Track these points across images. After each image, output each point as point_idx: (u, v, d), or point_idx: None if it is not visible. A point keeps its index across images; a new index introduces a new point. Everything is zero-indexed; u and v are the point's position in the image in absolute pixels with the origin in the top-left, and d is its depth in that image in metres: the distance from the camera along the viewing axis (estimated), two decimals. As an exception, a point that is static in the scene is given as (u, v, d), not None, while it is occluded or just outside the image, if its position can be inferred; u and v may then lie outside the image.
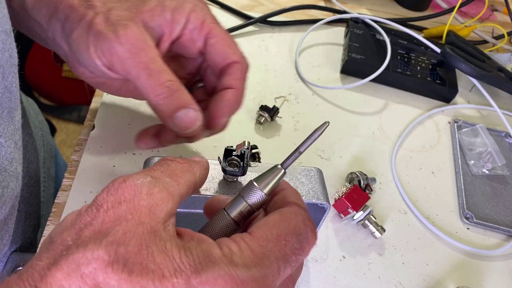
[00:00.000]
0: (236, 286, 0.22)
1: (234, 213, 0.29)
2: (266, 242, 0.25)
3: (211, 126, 0.39)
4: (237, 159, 0.35)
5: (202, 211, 0.33)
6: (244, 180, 0.36)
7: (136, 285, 0.21)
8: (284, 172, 0.29)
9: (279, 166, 0.29)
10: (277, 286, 0.25)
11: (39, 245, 0.24)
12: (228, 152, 0.35)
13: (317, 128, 0.29)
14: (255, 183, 0.29)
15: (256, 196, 0.28)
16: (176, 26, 0.38)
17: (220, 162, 0.34)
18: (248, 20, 0.66)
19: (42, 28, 0.40)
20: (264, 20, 0.67)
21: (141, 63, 0.35)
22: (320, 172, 0.39)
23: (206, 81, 0.44)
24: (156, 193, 0.25)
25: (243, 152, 0.34)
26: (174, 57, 0.42)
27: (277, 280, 0.25)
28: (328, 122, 0.29)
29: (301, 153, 0.29)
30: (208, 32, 0.39)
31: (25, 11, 0.39)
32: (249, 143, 0.35)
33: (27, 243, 0.50)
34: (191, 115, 0.36)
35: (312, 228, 0.28)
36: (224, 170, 0.34)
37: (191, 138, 0.40)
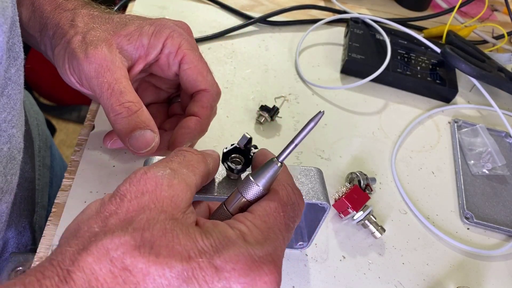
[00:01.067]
0: (255, 262, 0.24)
1: (233, 207, 0.30)
2: (267, 217, 0.27)
3: (171, 149, 0.41)
4: (240, 157, 0.35)
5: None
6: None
7: (164, 266, 0.23)
8: (281, 165, 0.29)
9: (275, 159, 0.29)
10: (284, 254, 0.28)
11: (61, 235, 0.26)
12: (226, 155, 0.35)
13: (312, 118, 0.29)
14: (251, 178, 0.29)
15: (253, 191, 0.29)
16: (152, 50, 0.41)
17: (224, 163, 0.35)
18: (248, 20, 0.66)
19: (36, 41, 0.42)
20: (264, 20, 0.67)
21: (104, 83, 0.37)
22: (320, 172, 0.39)
23: (182, 98, 0.46)
24: (176, 184, 0.27)
25: (244, 148, 0.35)
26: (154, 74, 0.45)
27: (284, 249, 0.27)
28: (323, 112, 0.30)
29: (296, 145, 0.29)
30: (182, 58, 0.41)
31: (22, 25, 0.41)
32: (250, 137, 0.35)
33: (21, 228, 0.51)
34: (147, 136, 0.37)
35: (300, 194, 0.30)
36: (230, 168, 0.34)
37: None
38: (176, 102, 0.48)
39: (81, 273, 0.22)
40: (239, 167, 0.34)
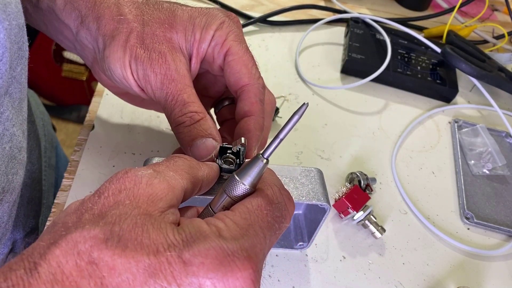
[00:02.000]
0: (227, 257, 0.24)
1: (218, 208, 0.29)
2: (248, 214, 0.27)
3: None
4: (232, 157, 0.35)
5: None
6: None
7: (130, 260, 0.23)
8: (267, 162, 0.29)
9: (260, 155, 0.28)
10: (266, 254, 0.27)
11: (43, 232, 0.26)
12: (223, 149, 0.35)
13: (296, 111, 0.28)
14: (236, 176, 0.29)
15: (238, 189, 0.29)
16: (203, 44, 0.39)
17: (215, 160, 0.34)
18: (248, 20, 0.66)
19: (70, 31, 0.40)
20: (264, 20, 0.67)
21: (169, 95, 0.36)
22: (320, 173, 0.39)
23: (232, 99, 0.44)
24: (156, 184, 0.26)
25: (238, 150, 0.34)
26: (203, 73, 0.43)
27: (265, 248, 0.26)
28: (307, 103, 0.28)
29: (281, 139, 0.28)
30: (228, 50, 0.39)
31: (54, 12, 0.39)
32: (245, 140, 0.35)
33: (28, 228, 0.51)
34: (208, 144, 0.36)
35: (288, 196, 0.29)
36: (220, 168, 0.34)
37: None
38: (223, 107, 0.45)
39: (47, 266, 0.22)
40: (231, 167, 0.34)
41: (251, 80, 0.39)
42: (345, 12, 0.72)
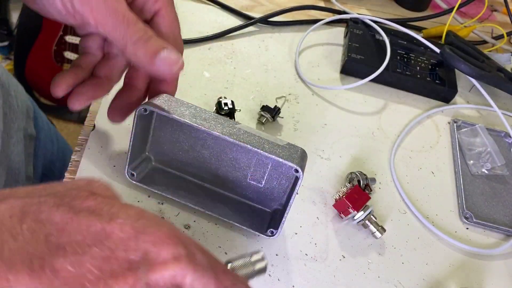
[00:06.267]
0: (173, 231, 0.25)
1: None
2: None
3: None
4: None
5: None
6: None
7: (82, 223, 0.24)
8: None
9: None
10: None
11: None
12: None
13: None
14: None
15: None
16: None
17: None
18: (248, 20, 0.67)
19: None
20: (264, 21, 0.67)
21: (119, 13, 0.35)
22: (304, 152, 0.41)
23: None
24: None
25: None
26: None
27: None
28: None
29: None
30: (159, 10, 0.39)
31: None
32: (232, 102, 0.50)
33: None
34: (173, 54, 0.36)
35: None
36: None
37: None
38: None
39: None
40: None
41: (175, 46, 0.39)
42: (344, 12, 0.72)
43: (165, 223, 0.25)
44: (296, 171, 0.39)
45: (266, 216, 0.45)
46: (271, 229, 0.43)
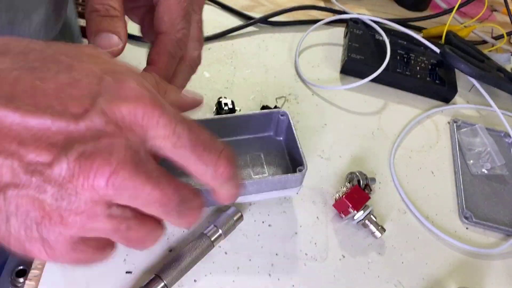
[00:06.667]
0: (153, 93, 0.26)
1: None
2: None
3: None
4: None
5: None
6: None
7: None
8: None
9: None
10: None
11: None
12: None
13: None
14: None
15: None
16: None
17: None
18: (248, 20, 0.67)
19: None
20: (264, 21, 0.67)
21: None
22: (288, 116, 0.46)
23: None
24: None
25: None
26: None
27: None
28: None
29: None
30: None
31: None
32: (232, 102, 0.52)
33: None
34: (114, 40, 0.35)
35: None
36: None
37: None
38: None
39: None
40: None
41: (169, 29, 0.37)
42: (344, 12, 0.72)
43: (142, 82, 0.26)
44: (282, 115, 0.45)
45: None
46: (299, 167, 0.44)
